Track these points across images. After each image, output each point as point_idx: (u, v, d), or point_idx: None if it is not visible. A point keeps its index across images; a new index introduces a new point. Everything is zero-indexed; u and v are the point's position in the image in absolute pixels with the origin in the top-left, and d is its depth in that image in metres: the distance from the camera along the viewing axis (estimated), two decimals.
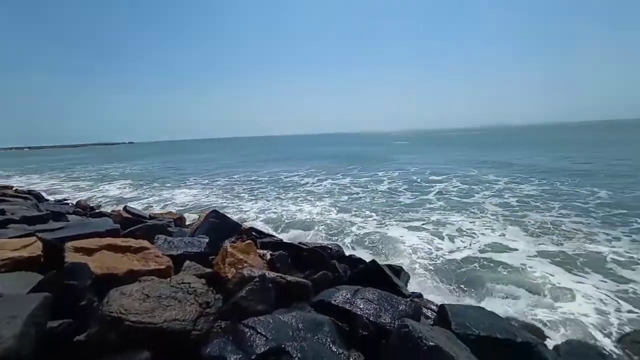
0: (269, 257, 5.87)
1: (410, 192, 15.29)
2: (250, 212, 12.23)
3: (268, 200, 14.20)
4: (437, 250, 7.86)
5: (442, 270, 6.71)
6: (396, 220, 10.59)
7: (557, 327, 4.59)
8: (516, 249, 7.57)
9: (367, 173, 22.06)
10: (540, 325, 4.65)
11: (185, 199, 15.59)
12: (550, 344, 3.78)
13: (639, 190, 13.05)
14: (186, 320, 2.48)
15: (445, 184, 16.89)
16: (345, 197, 14.57)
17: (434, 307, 4.37)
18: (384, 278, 4.65)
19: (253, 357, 2.24)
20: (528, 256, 7.14)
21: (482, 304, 5.09)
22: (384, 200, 13.65)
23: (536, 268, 6.53)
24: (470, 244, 8.10)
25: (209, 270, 4.42)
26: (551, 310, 5.08)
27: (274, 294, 3.53)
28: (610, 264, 6.55)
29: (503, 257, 7.16)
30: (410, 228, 9.70)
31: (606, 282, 5.85)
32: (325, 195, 14.93)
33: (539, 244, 7.75)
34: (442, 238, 8.69)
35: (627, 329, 4.46)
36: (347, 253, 7.28)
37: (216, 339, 2.52)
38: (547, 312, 5.03)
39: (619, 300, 5.26)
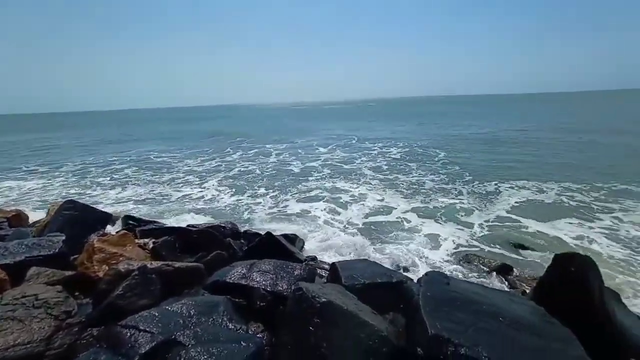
0: (151, 245, 5.22)
1: (300, 162, 15.91)
2: (121, 200, 10.46)
3: (140, 185, 12.32)
4: (328, 214, 8.56)
5: (334, 232, 7.38)
6: (289, 190, 10.95)
7: (423, 264, 5.87)
8: (395, 208, 8.92)
9: (257, 147, 21.65)
10: (411, 265, 5.84)
11: (19, 192, 12.04)
12: (417, 277, 4.70)
13: (465, 152, 17.15)
14: (33, 342, 1.94)
15: (330, 154, 18.25)
16: (236, 171, 14.07)
17: (326, 267, 4.77)
18: (279, 248, 4.76)
19: (137, 359, 1.96)
20: (403, 212, 8.55)
21: (370, 257, 5.98)
22: (275, 172, 13.81)
23: (411, 222, 7.93)
24: (355, 207, 9.10)
25: (69, 273, 3.59)
26: (420, 251, 6.35)
27: (159, 284, 3.15)
28: (459, 212, 8.49)
29: (385, 216, 8.37)
30: (302, 198, 10.20)
31: (459, 228, 7.55)
32: (213, 173, 14.02)
33: (411, 202, 9.35)
34: (331, 203, 9.47)
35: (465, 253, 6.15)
36: (244, 229, 7.15)
37: (85, 351, 2.09)
38: (417, 253, 6.27)
39: (465, 238, 6.99)
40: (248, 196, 10.60)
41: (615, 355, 2.71)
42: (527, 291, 4.30)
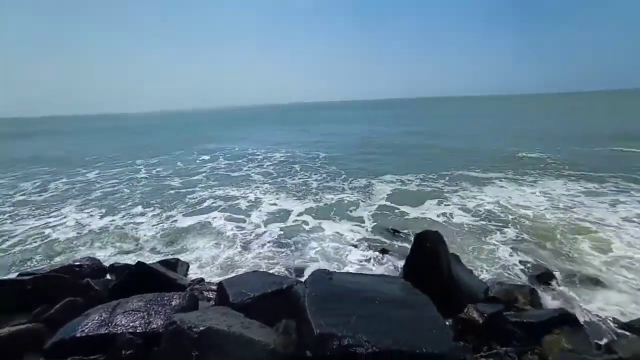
0: None
1: (179, 176, 14.38)
2: None
3: None
4: (220, 226, 8.02)
5: (229, 245, 6.93)
6: (173, 206, 9.77)
7: (314, 263, 6.04)
8: (290, 211, 9.00)
9: (119, 164, 18.40)
10: (303, 265, 5.96)
11: None
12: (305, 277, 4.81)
13: (339, 151, 18.99)
14: None
15: (214, 162, 17.22)
16: (98, 193, 11.66)
17: (214, 288, 4.38)
18: (155, 278, 4.11)
19: None
20: (298, 215, 8.71)
21: (268, 266, 5.88)
22: (150, 189, 12.09)
23: (308, 223, 8.12)
24: (251, 215, 8.78)
25: None
26: (316, 251, 6.56)
27: None
28: (346, 207, 9.18)
29: (282, 222, 8.30)
30: (189, 212, 9.26)
31: (349, 222, 8.12)
32: (64, 199, 11.21)
33: (303, 203, 9.62)
34: (224, 213, 8.94)
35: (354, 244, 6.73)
36: (111, 262, 5.91)
37: None
38: (311, 253, 6.45)
39: (355, 230, 7.57)
40: (122, 218, 8.93)
41: (460, 304, 3.39)
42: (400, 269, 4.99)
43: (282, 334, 2.66)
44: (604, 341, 3.50)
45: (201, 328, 2.02)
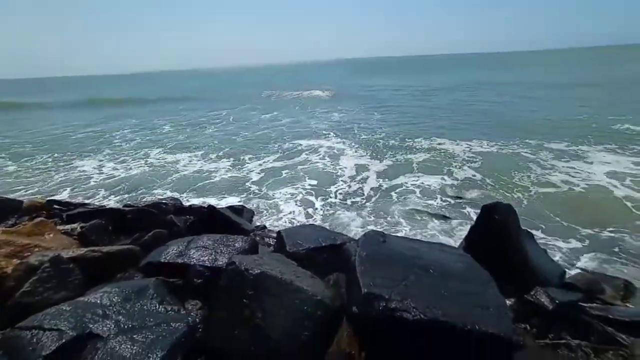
0: (79, 230, 4.74)
1: (247, 130, 15.32)
2: (35, 183, 9.22)
3: (56, 169, 10.89)
4: (287, 179, 8.45)
5: (290, 199, 7.32)
6: (245, 157, 10.57)
7: (370, 222, 6.05)
8: (366, 167, 8.99)
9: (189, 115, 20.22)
10: (359, 223, 6.02)
11: None
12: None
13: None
14: None
15: (278, 120, 17.74)
16: (182, 137, 13.19)
17: (274, 235, 4.71)
18: (223, 221, 4.58)
19: None
20: (365, 171, 8.65)
21: (321, 221, 6.11)
22: (219, 141, 13.15)
23: (374, 180, 8.04)
24: (319, 168, 9.04)
25: None
26: (370, 210, 6.51)
27: (80, 274, 2.85)
28: (416, 168, 8.77)
29: (343, 177, 8.41)
30: (258, 163, 9.93)
31: (419, 183, 7.84)
32: (140, 149, 12.94)
33: (371, 160, 9.52)
34: (290, 167, 9.34)
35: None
36: (189, 203, 6.79)
37: None
38: (368, 213, 6.43)
39: (416, 195, 7.26)
40: (200, 162, 10.24)
41: (527, 286, 3.07)
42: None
43: (331, 287, 2.77)
44: None
45: (257, 271, 2.19)
